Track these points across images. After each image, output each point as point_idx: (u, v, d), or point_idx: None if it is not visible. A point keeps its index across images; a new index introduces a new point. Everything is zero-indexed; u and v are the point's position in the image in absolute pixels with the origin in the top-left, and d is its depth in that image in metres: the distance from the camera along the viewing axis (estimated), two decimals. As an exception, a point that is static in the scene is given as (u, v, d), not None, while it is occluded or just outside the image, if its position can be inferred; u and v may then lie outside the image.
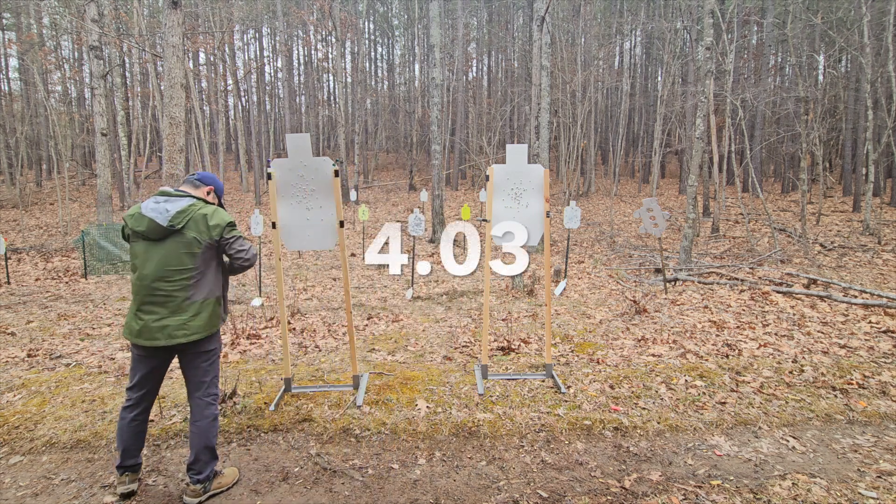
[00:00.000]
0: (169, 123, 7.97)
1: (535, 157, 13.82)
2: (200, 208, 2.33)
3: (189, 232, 2.28)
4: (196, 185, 2.45)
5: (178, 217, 2.26)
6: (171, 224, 2.24)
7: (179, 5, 8.04)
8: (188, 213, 2.28)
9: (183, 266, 2.29)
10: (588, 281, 9.04)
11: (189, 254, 2.30)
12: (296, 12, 26.57)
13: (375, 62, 42.11)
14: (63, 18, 25.01)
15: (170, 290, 2.28)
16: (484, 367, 3.86)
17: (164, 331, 2.28)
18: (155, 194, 2.34)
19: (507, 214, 3.83)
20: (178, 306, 2.29)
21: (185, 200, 2.32)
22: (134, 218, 2.29)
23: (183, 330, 2.30)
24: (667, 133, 24.66)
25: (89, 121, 24.43)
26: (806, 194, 12.43)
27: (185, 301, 2.31)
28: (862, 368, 4.01)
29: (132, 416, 2.42)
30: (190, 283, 2.31)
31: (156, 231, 2.25)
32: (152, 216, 2.24)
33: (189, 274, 2.31)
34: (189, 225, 2.28)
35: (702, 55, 11.30)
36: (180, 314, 2.30)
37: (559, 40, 23.77)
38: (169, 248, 2.27)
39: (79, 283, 10.21)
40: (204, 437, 2.40)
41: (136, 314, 2.31)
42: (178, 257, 2.28)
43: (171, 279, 2.28)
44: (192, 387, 2.45)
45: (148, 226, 2.25)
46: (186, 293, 2.31)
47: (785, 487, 2.54)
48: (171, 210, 2.26)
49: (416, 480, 2.66)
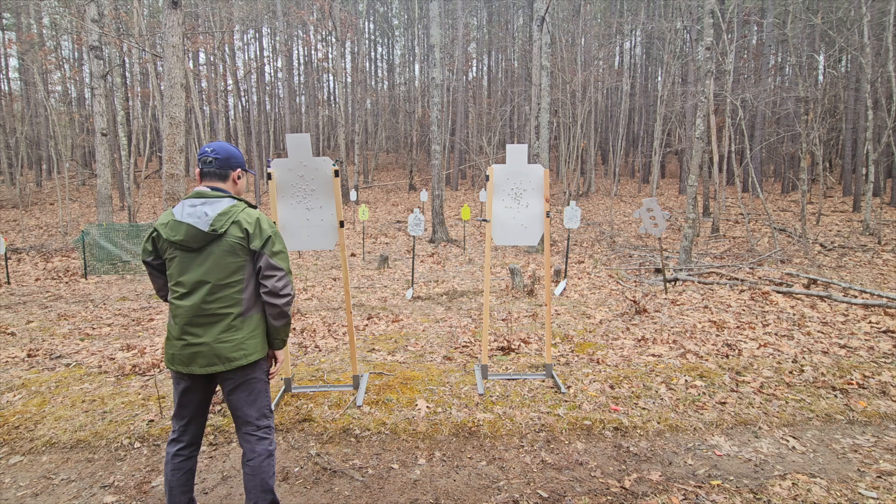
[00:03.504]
0: (169, 123, 7.98)
1: (535, 157, 13.84)
2: (243, 209, 2.01)
3: (232, 236, 1.94)
4: (224, 176, 2.06)
5: (220, 220, 1.93)
6: (213, 228, 1.91)
7: (179, 5, 8.05)
8: (230, 214, 1.95)
9: (232, 276, 1.95)
10: (588, 281, 9.04)
11: (237, 261, 1.96)
12: (296, 12, 26.58)
13: (375, 62, 42.12)
14: (63, 18, 25.01)
15: (220, 307, 1.94)
16: (484, 367, 3.86)
17: (219, 355, 1.94)
18: (188, 196, 1.99)
19: (507, 214, 3.83)
20: (230, 324, 1.95)
21: (225, 201, 1.97)
22: (168, 226, 1.95)
23: (241, 351, 1.96)
24: (667, 133, 24.67)
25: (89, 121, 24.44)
26: (806, 194, 12.43)
27: (239, 317, 1.97)
28: (862, 368, 4.01)
29: (175, 450, 2.08)
30: (242, 295, 1.97)
31: (196, 238, 1.91)
32: (191, 221, 1.91)
33: (240, 286, 1.97)
34: (233, 229, 1.95)
35: (702, 55, 11.31)
36: (235, 332, 1.96)
37: (559, 40, 23.78)
38: (213, 256, 1.94)
39: (79, 283, 10.22)
40: (259, 478, 2.02)
41: (181, 338, 1.96)
42: (225, 266, 1.94)
43: (220, 293, 1.94)
44: (241, 420, 2.06)
45: (187, 233, 1.91)
46: (240, 308, 1.97)
47: (785, 487, 2.54)
48: (210, 213, 1.92)
49: (416, 480, 2.66)
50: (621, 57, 31.84)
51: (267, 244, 1.99)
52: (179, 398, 2.06)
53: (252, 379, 2.04)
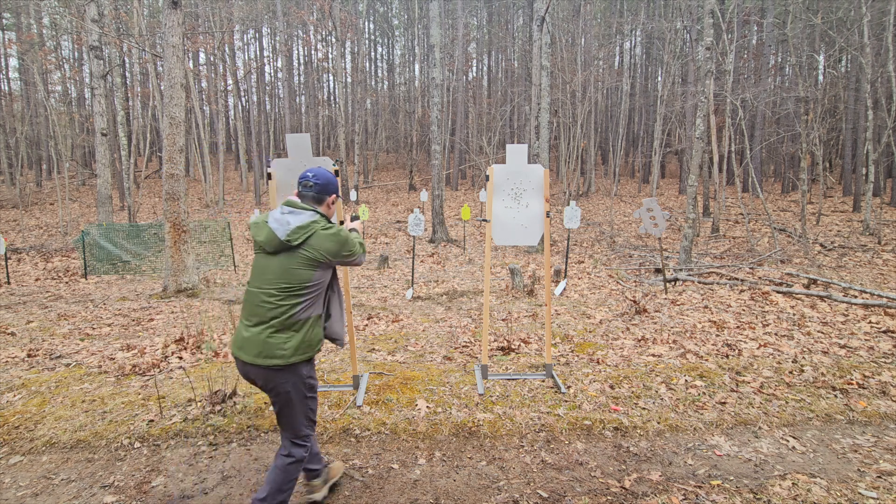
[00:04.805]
0: (169, 123, 7.98)
1: (535, 157, 13.83)
2: (324, 227, 2.19)
3: (306, 250, 2.13)
4: (319, 200, 2.26)
5: (298, 233, 2.12)
6: (289, 239, 2.11)
7: (179, 5, 8.04)
8: (309, 229, 2.14)
9: (294, 282, 2.13)
10: (588, 281, 9.04)
11: (303, 270, 2.14)
12: (296, 12, 26.57)
13: (375, 62, 42.11)
14: (63, 18, 25.01)
15: (277, 304, 2.12)
16: (484, 367, 3.86)
17: (266, 348, 2.11)
18: (283, 203, 2.21)
19: (507, 214, 3.83)
20: (282, 323, 2.12)
21: (307, 215, 2.17)
22: (256, 226, 2.20)
23: (282, 350, 2.12)
24: (667, 133, 24.67)
25: (89, 121, 24.43)
26: (806, 194, 12.43)
27: (291, 318, 2.14)
28: (862, 368, 4.01)
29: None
30: (301, 300, 2.15)
31: (272, 243, 2.13)
32: (273, 227, 2.13)
33: (302, 290, 2.15)
34: (307, 242, 2.13)
35: (702, 55, 11.31)
36: (284, 332, 2.13)
37: (559, 40, 23.78)
38: (283, 262, 2.13)
39: (79, 283, 10.22)
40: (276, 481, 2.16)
41: (244, 325, 2.17)
42: (291, 272, 2.13)
43: (281, 295, 2.13)
44: (282, 423, 2.23)
45: (266, 236, 2.14)
46: (294, 311, 2.14)
47: (785, 487, 2.54)
48: (292, 224, 2.13)
49: (416, 480, 2.66)
50: (621, 57, 31.84)
51: (343, 249, 2.21)
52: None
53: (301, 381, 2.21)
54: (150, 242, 13.00)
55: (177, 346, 4.83)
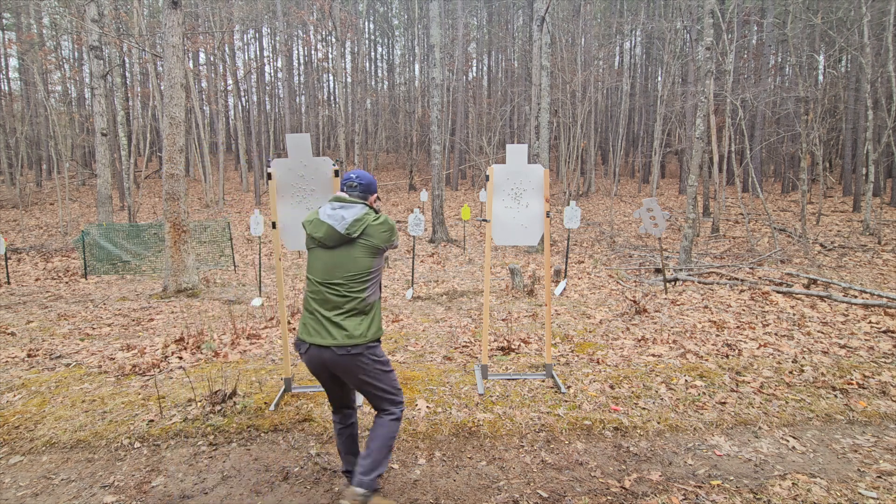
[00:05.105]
0: (169, 123, 7.98)
1: (535, 157, 13.83)
2: (375, 218, 2.38)
3: (364, 239, 2.32)
4: (363, 199, 2.45)
5: (355, 225, 2.30)
6: (349, 232, 2.28)
7: (179, 5, 8.04)
8: (363, 221, 2.32)
9: (360, 270, 2.32)
10: (588, 281, 9.04)
11: (365, 258, 2.33)
12: (296, 12, 26.56)
13: (375, 62, 42.10)
14: (63, 18, 25.02)
15: (348, 293, 2.30)
16: (484, 367, 3.86)
17: (346, 331, 2.27)
18: (330, 199, 2.40)
19: (507, 214, 3.83)
20: (355, 307, 2.31)
21: (358, 208, 2.35)
22: (312, 224, 2.35)
23: (360, 331, 2.30)
24: (667, 133, 24.67)
25: (89, 121, 24.43)
26: (806, 194, 12.43)
27: (362, 302, 2.33)
28: (862, 368, 4.01)
29: (336, 420, 2.52)
30: (366, 285, 2.34)
31: (332, 238, 2.29)
32: (331, 223, 2.29)
33: (366, 276, 2.34)
34: (364, 233, 2.32)
35: (702, 55, 11.30)
36: (358, 316, 2.31)
37: (559, 40, 23.77)
38: (345, 253, 2.31)
39: (79, 283, 10.22)
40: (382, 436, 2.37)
41: (317, 314, 2.32)
42: (355, 261, 2.31)
43: (350, 284, 2.31)
44: (374, 399, 2.41)
45: (326, 232, 2.30)
46: (363, 294, 2.33)
47: (785, 487, 2.54)
48: (347, 218, 2.30)
49: (416, 480, 2.66)
50: (621, 57, 31.83)
51: (393, 237, 2.43)
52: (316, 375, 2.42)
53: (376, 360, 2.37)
54: (150, 242, 13.00)
55: (177, 346, 4.84)
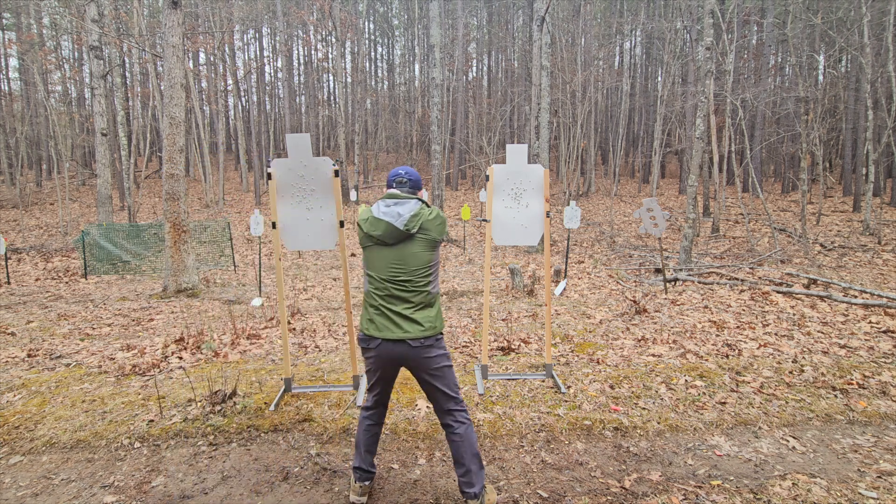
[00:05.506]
0: (169, 123, 7.98)
1: (535, 157, 13.83)
2: (429, 212, 2.41)
3: (422, 234, 2.35)
4: (414, 192, 2.49)
5: (413, 221, 2.32)
6: (407, 228, 2.30)
7: (179, 5, 8.04)
8: (420, 216, 2.35)
9: (421, 264, 2.35)
10: (588, 281, 9.04)
11: (424, 252, 2.36)
12: (296, 12, 26.56)
13: (375, 62, 42.10)
14: (63, 18, 25.01)
15: (414, 287, 2.33)
16: (484, 367, 3.86)
17: (416, 324, 2.30)
18: (383, 197, 2.40)
19: (507, 214, 3.83)
20: (422, 300, 2.34)
21: (412, 203, 2.37)
22: (369, 222, 2.35)
23: (430, 322, 2.33)
24: (667, 133, 24.67)
25: (89, 121, 24.43)
26: (806, 194, 12.43)
27: (428, 295, 2.36)
28: (862, 368, 4.01)
29: (370, 415, 2.50)
30: (430, 279, 2.38)
31: (393, 235, 2.31)
32: (389, 220, 2.30)
33: (428, 269, 2.37)
34: (422, 228, 2.35)
35: (702, 55, 11.30)
36: (425, 309, 2.35)
37: (559, 40, 23.77)
38: (406, 249, 2.34)
39: (79, 283, 10.22)
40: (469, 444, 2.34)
41: (384, 310, 2.34)
42: (415, 256, 2.34)
43: (414, 278, 2.34)
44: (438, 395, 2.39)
45: (385, 230, 2.31)
46: (428, 288, 2.37)
47: (785, 487, 2.54)
48: (403, 214, 2.32)
49: (416, 480, 2.66)
50: (621, 57, 31.83)
51: (443, 235, 2.46)
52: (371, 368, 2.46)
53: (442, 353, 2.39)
54: (150, 242, 13.00)
55: (177, 346, 4.84)
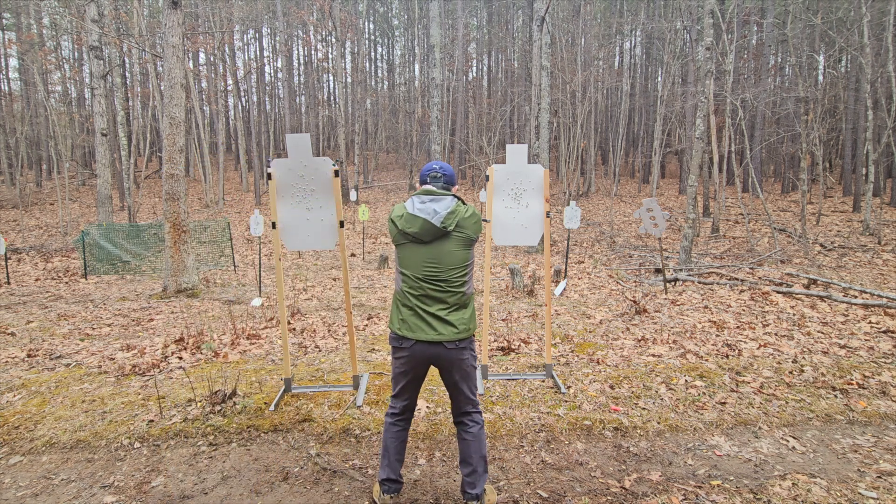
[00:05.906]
0: (169, 123, 7.98)
1: (535, 157, 13.83)
2: (465, 209, 2.35)
3: (459, 232, 2.28)
4: (448, 188, 2.42)
5: (450, 218, 2.25)
6: (444, 225, 2.23)
7: (179, 5, 8.04)
8: (456, 213, 2.28)
9: (457, 263, 2.28)
10: (588, 281, 9.04)
11: (460, 251, 2.29)
12: (296, 12, 26.57)
13: (375, 62, 42.11)
14: (63, 18, 25.02)
15: (448, 288, 2.27)
16: (484, 368, 3.86)
17: (451, 325, 2.25)
18: (418, 193, 2.32)
19: (507, 214, 3.83)
20: (458, 301, 2.29)
21: (448, 199, 2.30)
22: (404, 219, 2.27)
23: (463, 324, 2.28)
24: (667, 133, 24.66)
25: (89, 121, 24.43)
26: (806, 194, 12.44)
27: (463, 296, 2.30)
28: (862, 368, 4.01)
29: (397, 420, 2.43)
30: (465, 279, 2.32)
31: (429, 232, 2.24)
32: (425, 217, 2.23)
33: (464, 269, 2.31)
34: (458, 225, 2.28)
35: (702, 55, 11.30)
36: (460, 310, 2.30)
37: (559, 40, 23.77)
38: (442, 247, 2.26)
39: (79, 283, 10.22)
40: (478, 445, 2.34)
41: (419, 310, 2.27)
42: (451, 255, 2.27)
43: (451, 278, 2.27)
44: (460, 396, 2.36)
45: (421, 227, 2.23)
46: (463, 288, 2.31)
47: (785, 487, 2.54)
48: (440, 211, 2.24)
49: (416, 480, 2.66)
50: (621, 57, 31.83)
51: (479, 233, 2.39)
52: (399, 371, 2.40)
53: (472, 353, 2.35)
54: (150, 242, 13.00)
55: (177, 346, 4.84)
